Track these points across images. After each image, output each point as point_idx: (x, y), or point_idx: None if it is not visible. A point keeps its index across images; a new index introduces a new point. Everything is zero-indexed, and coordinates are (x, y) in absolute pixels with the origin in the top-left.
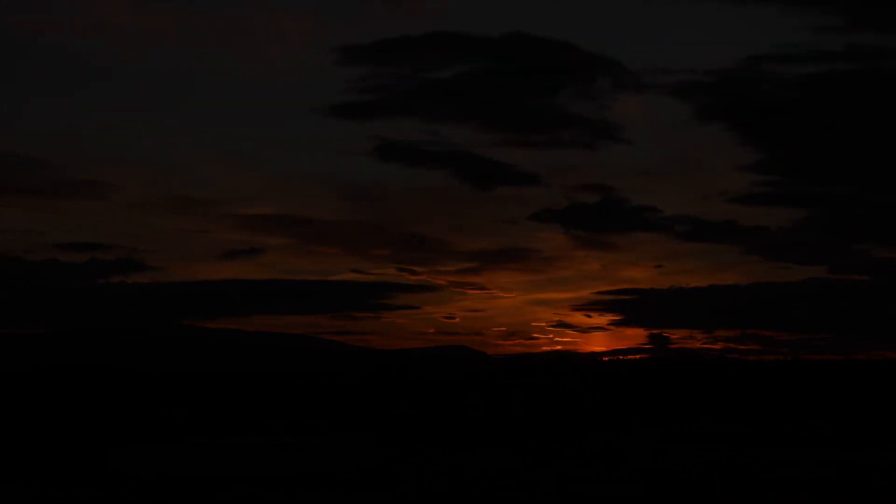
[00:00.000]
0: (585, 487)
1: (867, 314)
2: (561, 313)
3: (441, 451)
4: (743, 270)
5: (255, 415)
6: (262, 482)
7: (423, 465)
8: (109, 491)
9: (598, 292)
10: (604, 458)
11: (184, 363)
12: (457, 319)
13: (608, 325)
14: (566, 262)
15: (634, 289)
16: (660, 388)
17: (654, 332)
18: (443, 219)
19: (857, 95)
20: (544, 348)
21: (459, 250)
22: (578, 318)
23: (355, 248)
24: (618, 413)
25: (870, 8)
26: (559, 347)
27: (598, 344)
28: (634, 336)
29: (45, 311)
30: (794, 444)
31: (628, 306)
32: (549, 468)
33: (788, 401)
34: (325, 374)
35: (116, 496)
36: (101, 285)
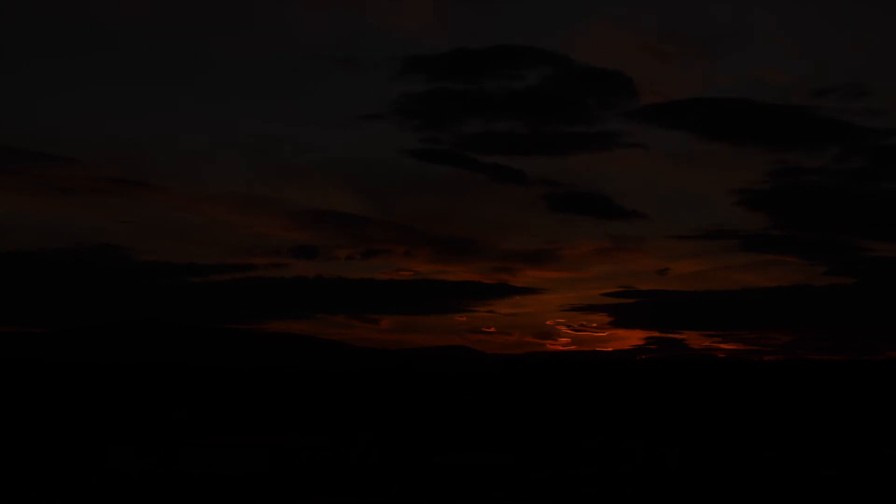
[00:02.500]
0: (584, 487)
1: (867, 314)
2: (571, 314)
3: (441, 451)
4: (751, 272)
5: (256, 414)
6: (262, 482)
7: (423, 464)
8: (110, 491)
9: (607, 293)
10: (603, 459)
11: (197, 360)
12: (464, 318)
13: (614, 325)
14: (582, 264)
15: (643, 290)
16: (662, 388)
17: (661, 334)
18: (473, 220)
19: None
20: (551, 348)
21: (488, 251)
22: (587, 318)
23: (385, 248)
24: (619, 413)
25: None
26: (566, 348)
27: (605, 344)
28: (640, 337)
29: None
30: (795, 444)
31: (636, 308)
32: (548, 468)
33: (790, 401)
34: (327, 373)
35: (116, 496)
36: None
